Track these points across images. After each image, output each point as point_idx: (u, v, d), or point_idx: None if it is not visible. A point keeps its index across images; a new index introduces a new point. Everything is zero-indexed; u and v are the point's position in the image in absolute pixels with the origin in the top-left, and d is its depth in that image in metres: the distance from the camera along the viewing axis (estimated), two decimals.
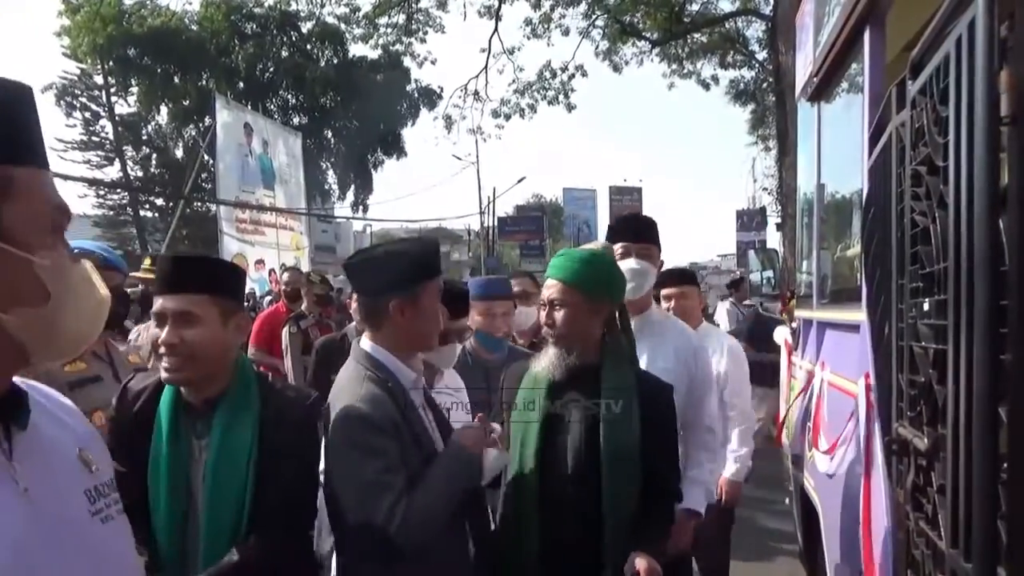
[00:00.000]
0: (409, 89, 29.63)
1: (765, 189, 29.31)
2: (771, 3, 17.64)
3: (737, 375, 3.43)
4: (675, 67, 23.20)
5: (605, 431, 1.96)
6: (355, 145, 29.67)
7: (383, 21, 21.85)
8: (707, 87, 23.54)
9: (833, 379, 2.57)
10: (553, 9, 20.79)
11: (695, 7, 21.65)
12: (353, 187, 31.70)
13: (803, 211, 3.87)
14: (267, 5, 25.68)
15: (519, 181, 48.07)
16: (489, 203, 32.27)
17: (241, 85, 26.83)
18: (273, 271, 13.94)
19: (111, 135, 29.65)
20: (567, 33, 21.41)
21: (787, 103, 12.72)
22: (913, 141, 1.56)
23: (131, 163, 30.14)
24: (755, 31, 22.02)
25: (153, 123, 29.41)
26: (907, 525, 1.49)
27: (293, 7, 24.98)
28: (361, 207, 31.94)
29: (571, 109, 22.46)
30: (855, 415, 2.05)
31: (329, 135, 30.22)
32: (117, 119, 29.35)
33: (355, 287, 1.97)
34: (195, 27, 26.54)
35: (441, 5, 21.13)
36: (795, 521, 3.42)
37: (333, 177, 31.32)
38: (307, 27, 27.66)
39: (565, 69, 21.93)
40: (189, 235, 26.27)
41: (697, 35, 22.48)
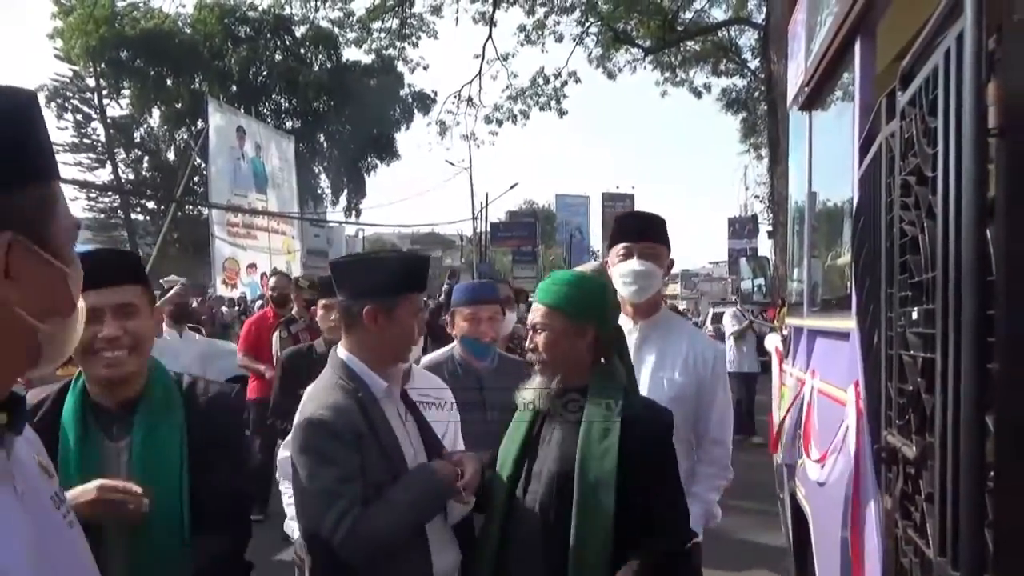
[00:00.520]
0: (403, 94, 29.68)
1: (757, 197, 29.46)
2: (764, 12, 17.80)
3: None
4: (668, 75, 23.41)
5: (579, 463, 1.81)
6: (348, 149, 29.64)
7: (377, 26, 21.93)
8: (699, 95, 23.74)
9: (823, 387, 2.58)
10: (547, 16, 20.93)
11: (688, 15, 21.86)
12: (346, 191, 31.68)
13: (794, 219, 3.89)
14: (261, 9, 25.69)
15: (512, 187, 48.21)
16: (482, 209, 32.32)
17: (234, 88, 26.78)
18: (265, 275, 13.91)
19: (103, 137, 29.55)
20: (561, 40, 21.58)
21: (779, 111, 12.79)
22: (902, 151, 1.57)
23: (122, 166, 30.06)
24: (747, 40, 22.26)
25: (145, 126, 29.36)
26: (896, 533, 1.50)
27: (287, 11, 24.97)
28: (354, 211, 31.94)
29: (563, 115, 22.61)
30: (845, 423, 2.06)
31: (322, 139, 30.19)
32: (109, 121, 29.25)
33: (337, 287, 1.96)
34: (188, 30, 26.50)
35: (435, 11, 21.23)
36: (785, 529, 3.42)
37: (326, 181, 31.29)
38: (301, 31, 27.67)
39: (558, 75, 22.08)
40: (180, 238, 26.16)
41: (690, 43, 22.67)
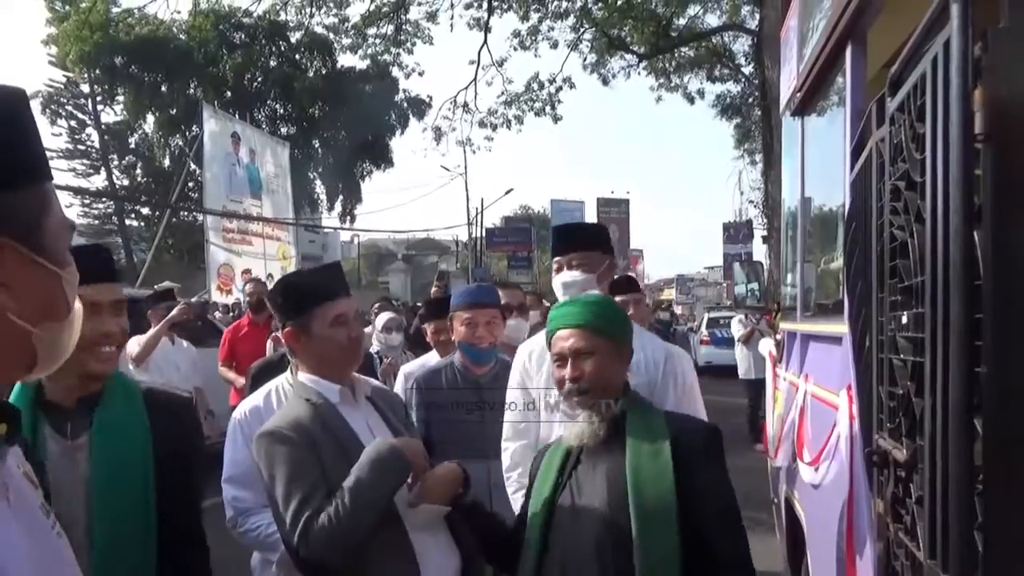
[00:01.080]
0: (397, 99, 29.69)
1: (751, 202, 29.55)
2: (757, 18, 17.87)
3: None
4: (662, 80, 23.46)
5: (632, 485, 1.66)
6: (343, 155, 29.63)
7: (372, 32, 21.94)
8: (693, 101, 23.79)
9: (816, 391, 2.59)
10: (541, 21, 20.96)
11: (682, 22, 21.91)
12: (341, 197, 31.66)
13: (787, 224, 3.91)
14: (256, 15, 25.66)
15: (507, 192, 48.34)
16: (477, 214, 32.34)
17: (229, 94, 26.77)
18: (259, 280, 13.87)
19: (97, 144, 29.49)
20: (555, 46, 21.58)
21: (773, 117, 12.83)
22: (892, 156, 1.58)
23: (117, 172, 29.99)
24: (742, 46, 22.32)
25: (139, 132, 29.28)
26: (887, 536, 1.51)
27: (282, 17, 24.99)
28: (349, 217, 31.91)
29: (557, 120, 22.60)
30: (837, 427, 2.07)
31: (317, 145, 30.17)
32: (103, 128, 29.20)
33: (275, 315, 2.06)
34: (183, 36, 26.48)
35: (430, 17, 21.24)
36: (779, 533, 3.43)
37: (321, 187, 31.26)
38: (296, 37, 27.67)
39: (553, 81, 22.10)
40: (175, 245, 26.12)
41: (684, 49, 22.72)
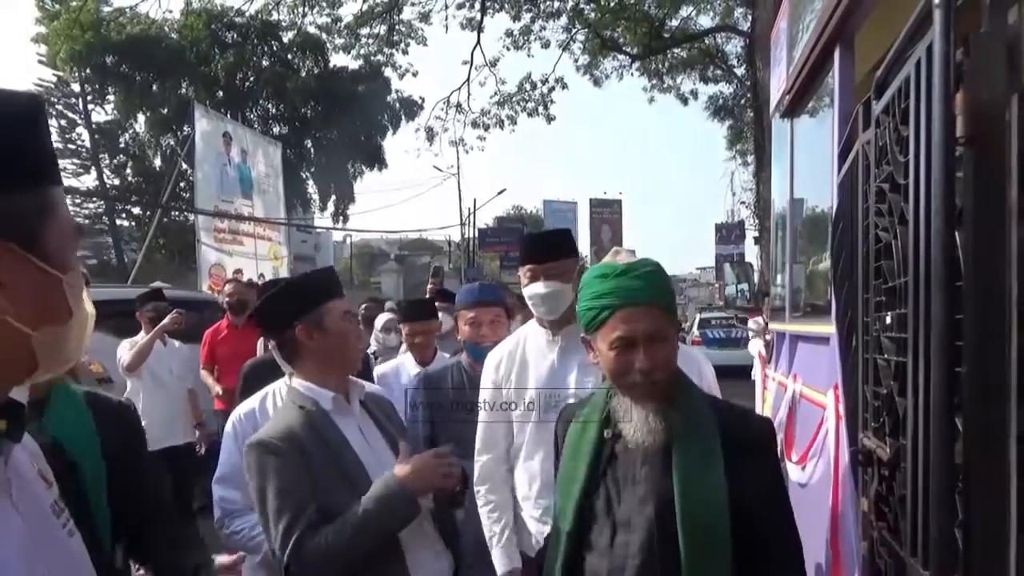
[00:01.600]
0: (390, 100, 29.63)
1: (743, 203, 29.59)
2: (749, 20, 17.94)
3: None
4: (655, 81, 23.53)
5: (682, 505, 1.42)
6: (336, 155, 29.56)
7: (365, 32, 21.93)
8: (686, 102, 23.86)
9: (805, 391, 2.61)
10: (534, 21, 20.98)
11: (675, 23, 21.98)
12: (334, 197, 31.59)
13: (777, 225, 3.94)
14: (248, 15, 25.57)
15: (499, 193, 48.36)
16: (470, 214, 32.32)
17: (220, 94, 26.66)
18: (250, 281, 13.84)
19: (87, 143, 29.33)
20: (547, 46, 21.61)
21: (764, 118, 12.87)
22: (877, 159, 1.60)
23: (108, 171, 29.81)
24: (734, 47, 22.40)
25: (130, 131, 29.13)
26: (872, 534, 1.53)
27: (274, 17, 24.92)
28: (341, 217, 31.84)
29: (550, 120, 22.64)
30: (825, 426, 2.09)
31: (310, 145, 30.09)
32: (94, 127, 29.05)
33: (266, 332, 2.06)
34: (175, 35, 26.37)
35: (423, 17, 21.25)
36: None
37: (314, 187, 31.18)
38: (288, 37, 27.60)
39: (545, 81, 22.12)
40: (166, 244, 25.98)
41: (677, 50, 22.78)
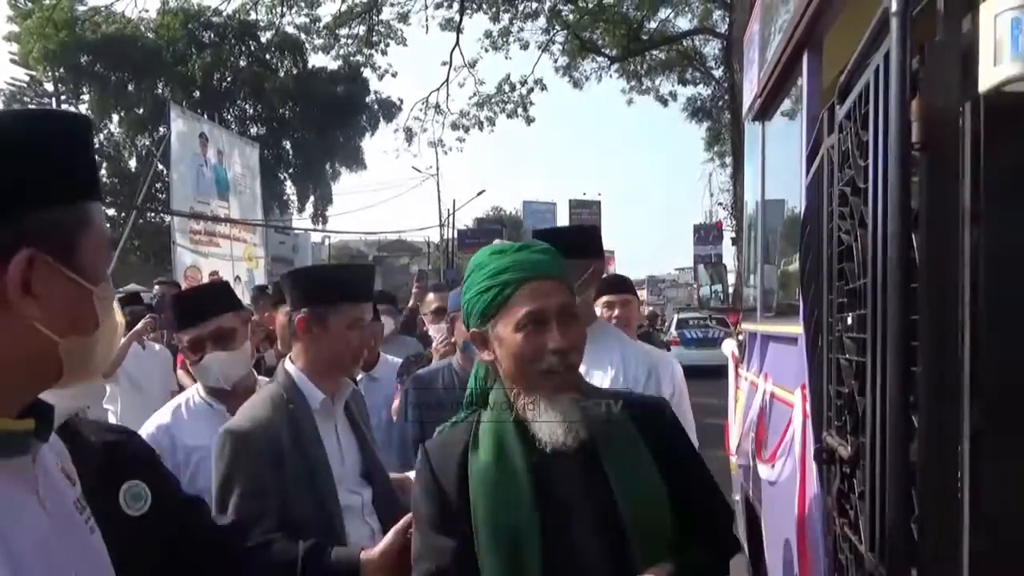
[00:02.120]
0: (369, 101, 29.55)
1: (721, 204, 29.88)
2: (727, 22, 18.12)
3: (680, 401, 2.97)
4: (634, 83, 23.68)
5: (626, 501, 1.31)
6: (314, 156, 29.42)
7: (344, 32, 21.86)
8: (665, 103, 24.03)
9: (775, 390, 2.65)
10: (512, 22, 21.03)
11: (653, 25, 22.14)
12: (312, 198, 31.43)
13: (750, 227, 3.99)
14: (225, 14, 25.38)
15: (479, 194, 48.35)
16: (449, 215, 32.32)
17: (197, 94, 26.44)
18: (227, 283, 13.73)
19: None
20: (526, 47, 21.71)
21: (741, 120, 12.99)
22: (840, 163, 1.64)
23: None
24: (712, 49, 22.60)
25: (105, 131, 28.78)
26: (834, 530, 1.56)
27: (252, 16, 24.76)
28: (320, 218, 31.68)
29: (530, 122, 22.75)
30: (792, 425, 2.12)
31: (288, 146, 29.93)
32: None
33: (287, 299, 1.99)
34: (151, 35, 26.10)
35: (402, 18, 21.22)
36: (739, 531, 3.49)
37: (292, 188, 31.00)
38: (266, 37, 27.43)
39: (524, 83, 22.18)
40: (141, 246, 25.70)
41: (655, 52, 22.94)
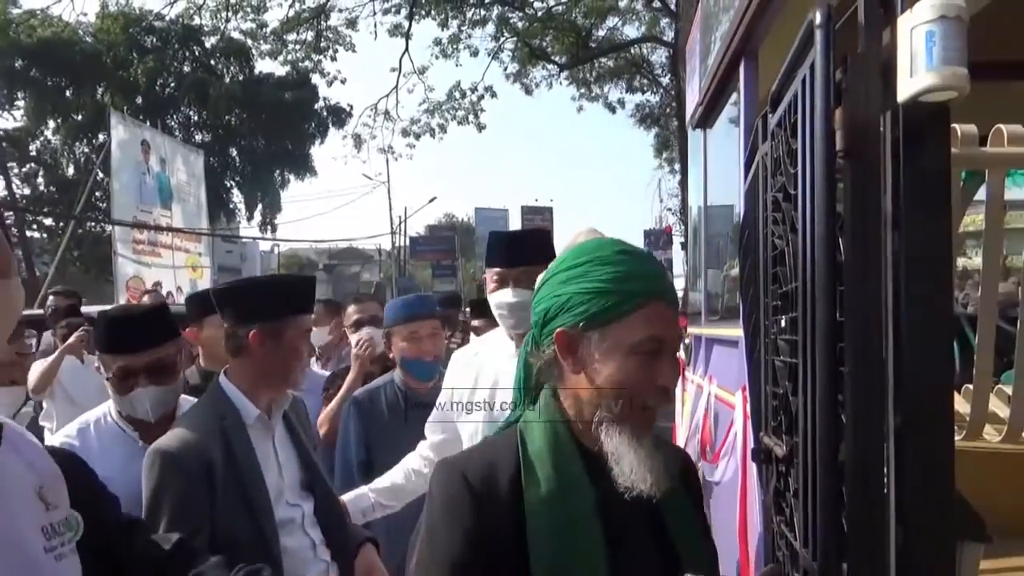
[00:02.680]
0: (317, 107, 29.21)
1: (670, 210, 30.33)
2: (673, 31, 18.45)
3: None
4: (584, 90, 23.90)
5: (687, 558, 1.18)
6: (262, 163, 28.93)
7: (291, 38, 21.60)
8: (614, 110, 24.32)
9: (719, 392, 2.70)
10: (461, 29, 21.06)
11: (601, 33, 22.42)
12: (260, 206, 30.88)
13: (694, 232, 4.06)
14: (168, 19, 24.81)
15: (430, 201, 48.11)
16: (400, 223, 32.13)
17: (139, 100, 25.78)
18: (170, 294, 13.39)
19: None
20: (476, 54, 21.74)
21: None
22: (772, 170, 1.68)
23: (17, 180, 28.41)
24: (659, 57, 22.97)
25: (41, 139, 27.85)
26: (772, 528, 1.60)
27: (196, 21, 24.27)
28: (269, 227, 31.14)
29: (481, 129, 22.76)
30: (734, 426, 2.17)
31: (234, 153, 29.37)
32: (1, 134, 27.65)
33: (220, 313, 1.92)
34: (89, 39, 25.37)
35: (350, 24, 21.06)
36: None
37: (239, 196, 30.42)
38: (211, 42, 26.90)
39: (475, 89, 22.22)
40: (81, 257, 24.92)
41: (604, 60, 23.22)
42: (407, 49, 20.84)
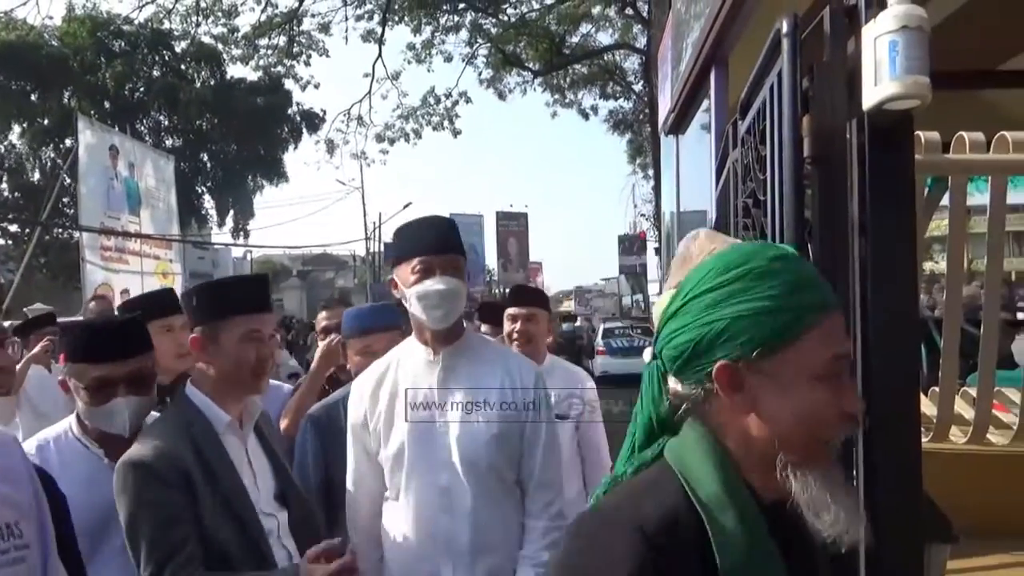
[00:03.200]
0: (291, 112, 29.00)
1: (643, 215, 30.57)
2: (646, 38, 18.63)
3: (595, 416, 2.83)
4: (557, 96, 24.06)
5: None
6: (234, 169, 28.64)
7: (263, 43, 21.44)
8: (587, 116, 24.49)
9: None
10: (434, 35, 21.08)
11: (575, 39, 22.57)
12: (232, 212, 30.56)
13: (668, 237, 4.10)
14: (137, 23, 24.49)
15: (405, 207, 47.84)
16: (375, 228, 31.99)
17: (107, 105, 25.40)
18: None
19: None
20: (450, 59, 21.75)
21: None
22: (742, 176, 1.70)
23: None
24: (632, 64, 23.18)
25: (6, 143, 27.31)
26: None
27: (166, 26, 24.00)
28: (241, 233, 30.82)
29: (456, 134, 22.77)
30: None
31: (206, 159, 29.05)
32: None
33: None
34: (56, 43, 24.95)
35: (323, 29, 20.97)
36: None
37: (210, 201, 30.09)
38: (181, 47, 26.60)
39: (449, 95, 22.23)
40: (48, 264, 24.46)
41: (577, 66, 23.38)
42: (380, 55, 20.82)
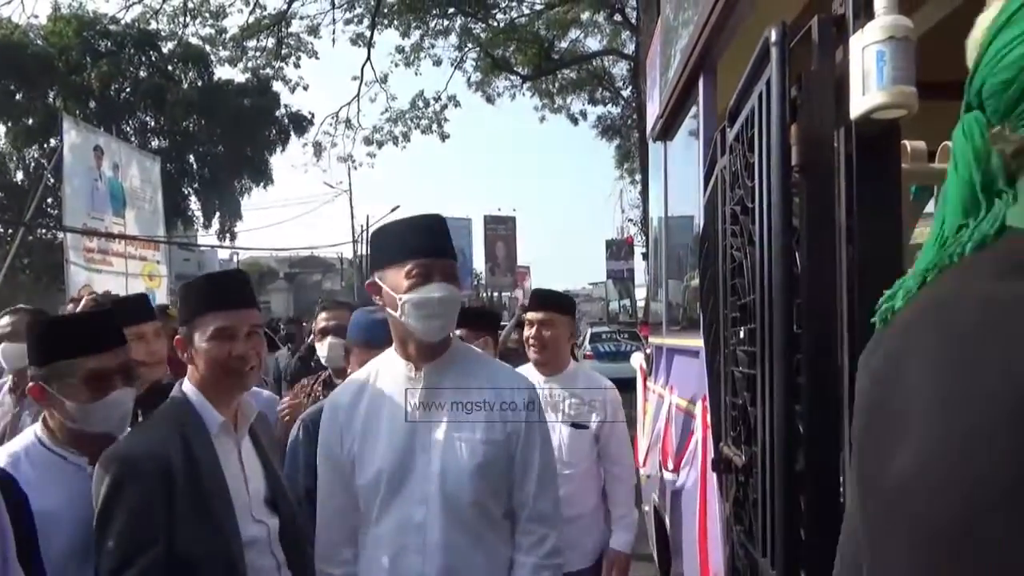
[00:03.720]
0: (278, 115, 28.87)
1: (631, 220, 30.66)
2: (634, 44, 18.70)
3: (617, 426, 2.70)
4: (546, 101, 24.06)
5: None
6: (221, 171, 28.46)
7: (252, 44, 21.34)
8: (575, 122, 24.51)
9: (679, 402, 2.73)
10: (423, 39, 21.05)
11: (564, 44, 22.61)
12: (219, 214, 30.37)
13: (655, 243, 4.11)
14: (124, 23, 24.30)
15: (393, 210, 47.72)
16: (363, 231, 31.86)
17: (93, 105, 25.20)
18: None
19: None
20: (439, 63, 21.72)
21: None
22: (731, 183, 1.71)
23: None
24: (620, 69, 23.24)
25: None
26: (731, 538, 1.61)
27: (153, 26, 23.83)
28: (228, 235, 30.62)
29: (444, 138, 22.72)
30: (695, 435, 2.19)
31: (192, 160, 28.87)
32: None
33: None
34: (41, 42, 24.74)
35: (312, 31, 20.90)
36: (649, 539, 3.57)
37: (197, 203, 29.88)
38: (168, 47, 26.44)
39: (438, 99, 22.21)
40: (31, 264, 24.18)
41: (566, 71, 23.42)
42: (369, 58, 20.76)
